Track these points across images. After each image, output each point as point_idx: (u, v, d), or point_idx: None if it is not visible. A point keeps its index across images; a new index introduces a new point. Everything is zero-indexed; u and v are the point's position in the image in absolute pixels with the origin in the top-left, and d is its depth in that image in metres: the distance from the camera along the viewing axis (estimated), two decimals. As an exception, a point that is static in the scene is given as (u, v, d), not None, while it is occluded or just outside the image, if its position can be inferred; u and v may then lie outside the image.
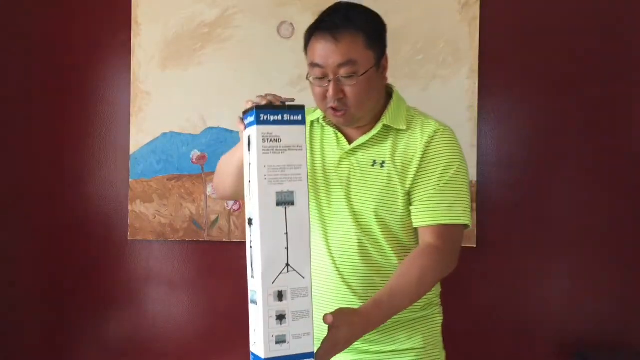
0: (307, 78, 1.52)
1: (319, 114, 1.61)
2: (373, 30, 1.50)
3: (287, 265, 1.21)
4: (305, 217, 1.23)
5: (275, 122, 1.21)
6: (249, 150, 1.23)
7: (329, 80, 1.46)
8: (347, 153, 1.55)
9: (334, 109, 1.49)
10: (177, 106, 2.41)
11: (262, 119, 1.20)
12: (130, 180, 2.42)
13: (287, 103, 1.37)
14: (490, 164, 2.39)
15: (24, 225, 2.47)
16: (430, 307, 1.60)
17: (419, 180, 1.50)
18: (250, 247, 1.22)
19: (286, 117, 1.22)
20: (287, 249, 1.21)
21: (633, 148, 2.39)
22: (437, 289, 1.64)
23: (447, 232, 1.49)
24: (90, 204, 2.47)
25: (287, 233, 1.21)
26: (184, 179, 2.41)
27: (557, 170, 2.40)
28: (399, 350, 1.54)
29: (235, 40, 2.40)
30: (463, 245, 2.34)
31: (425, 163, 1.51)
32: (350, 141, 1.57)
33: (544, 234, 2.40)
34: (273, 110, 1.22)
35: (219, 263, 2.43)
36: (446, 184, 1.49)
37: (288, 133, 1.22)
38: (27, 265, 2.48)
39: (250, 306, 1.24)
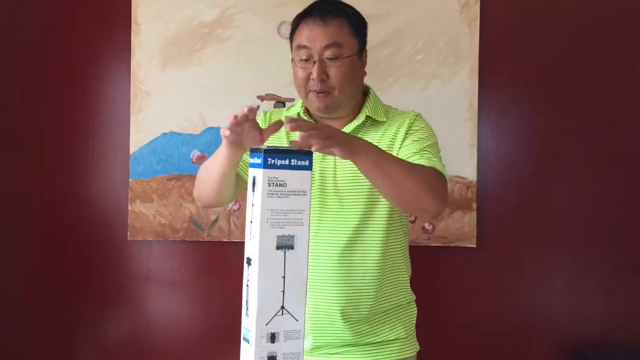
0: (292, 61, 1.59)
1: (296, 109, 1.66)
2: (358, 22, 1.60)
3: (282, 307, 1.23)
4: (304, 262, 1.25)
5: (281, 167, 1.22)
6: (253, 191, 1.23)
7: (314, 62, 1.53)
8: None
9: (316, 91, 1.54)
10: (177, 106, 2.41)
11: (269, 162, 1.20)
12: (130, 180, 2.42)
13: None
14: (490, 164, 2.39)
15: (24, 226, 2.47)
16: (405, 293, 1.67)
17: (403, 148, 1.56)
18: (247, 285, 1.25)
19: (293, 162, 1.23)
20: (283, 292, 1.23)
21: (633, 148, 2.40)
22: (408, 273, 1.69)
23: (436, 172, 1.50)
24: (90, 204, 2.47)
25: (284, 276, 1.23)
26: (184, 179, 2.41)
27: (557, 170, 2.40)
28: (386, 341, 1.62)
29: (235, 40, 2.40)
30: (463, 245, 2.37)
31: (408, 137, 1.58)
32: None
33: (543, 234, 2.40)
34: (280, 155, 1.22)
35: (219, 263, 2.44)
36: (429, 146, 1.56)
37: (294, 178, 1.23)
38: (27, 265, 2.48)
39: (242, 343, 1.26)
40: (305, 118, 1.63)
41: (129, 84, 2.42)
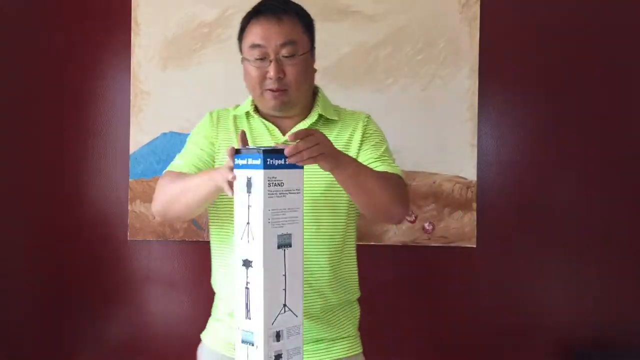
0: (242, 62, 1.59)
1: (245, 108, 1.66)
2: (307, 20, 1.60)
3: (284, 305, 1.24)
4: (300, 258, 1.27)
5: (279, 167, 1.23)
6: (249, 192, 1.23)
7: (270, 61, 1.53)
8: (283, 143, 1.57)
9: (272, 90, 1.54)
10: (177, 106, 2.41)
11: (268, 163, 1.21)
12: (130, 180, 2.43)
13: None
14: (490, 164, 2.39)
15: (24, 226, 2.47)
16: (355, 290, 1.67)
17: (363, 152, 1.59)
18: (246, 288, 1.23)
19: (287, 160, 1.24)
20: (285, 290, 1.24)
21: (633, 148, 2.39)
22: (357, 269, 1.69)
23: (400, 179, 1.56)
24: (90, 204, 2.47)
25: (285, 274, 1.24)
26: (184, 179, 2.41)
27: (557, 170, 2.40)
28: (340, 338, 1.62)
29: (235, 40, 2.39)
30: (463, 245, 2.37)
31: (366, 141, 1.60)
32: (283, 132, 1.60)
33: (543, 234, 2.40)
34: (277, 155, 1.23)
35: (219, 263, 2.43)
36: (385, 150, 1.61)
37: (289, 177, 1.24)
38: (27, 265, 2.48)
39: (241, 346, 1.24)
40: (255, 117, 1.63)
41: (129, 84, 2.42)
